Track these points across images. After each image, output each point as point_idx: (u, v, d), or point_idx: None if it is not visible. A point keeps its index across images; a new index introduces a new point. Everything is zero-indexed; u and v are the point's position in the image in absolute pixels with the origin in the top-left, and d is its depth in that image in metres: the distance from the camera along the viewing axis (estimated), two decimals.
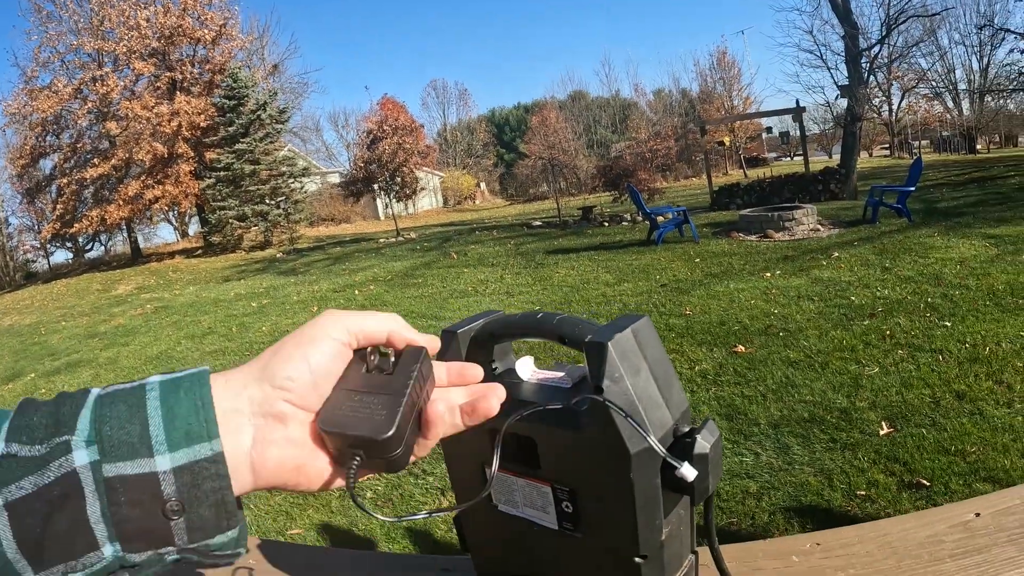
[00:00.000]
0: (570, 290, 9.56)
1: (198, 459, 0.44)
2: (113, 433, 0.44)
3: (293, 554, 1.09)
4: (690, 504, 0.74)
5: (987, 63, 41.70)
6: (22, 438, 0.44)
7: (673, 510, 0.70)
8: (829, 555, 0.90)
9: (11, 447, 0.43)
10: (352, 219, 34.81)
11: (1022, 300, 6.17)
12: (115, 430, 0.44)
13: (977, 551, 0.85)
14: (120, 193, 24.38)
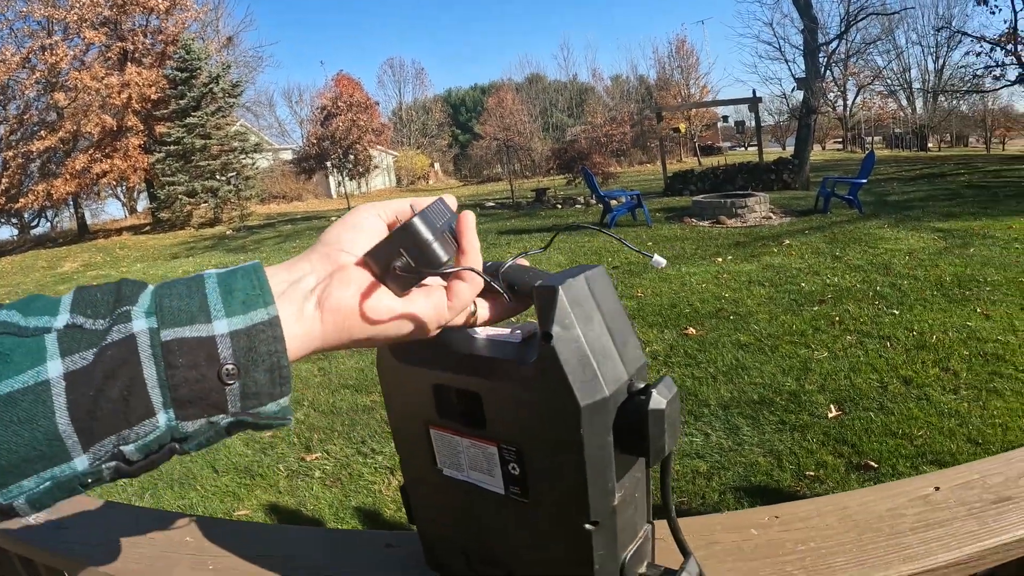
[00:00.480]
0: None
1: (255, 323, 0.46)
2: (172, 304, 0.45)
3: (240, 532, 1.05)
4: (646, 468, 0.68)
5: (942, 64, 42.71)
6: (87, 311, 0.45)
7: (627, 473, 0.65)
8: (788, 528, 0.87)
9: (76, 319, 0.45)
10: (304, 197, 34.28)
11: (969, 292, 6.31)
12: (174, 302, 0.46)
13: (939, 524, 0.84)
14: (67, 167, 23.58)
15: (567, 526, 0.64)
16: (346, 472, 4.25)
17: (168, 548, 0.99)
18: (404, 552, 0.89)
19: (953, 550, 0.79)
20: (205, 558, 0.95)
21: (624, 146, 38.64)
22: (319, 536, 1.00)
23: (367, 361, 6.17)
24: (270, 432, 4.83)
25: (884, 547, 0.81)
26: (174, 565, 0.94)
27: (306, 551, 0.95)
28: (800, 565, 0.79)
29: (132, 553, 0.98)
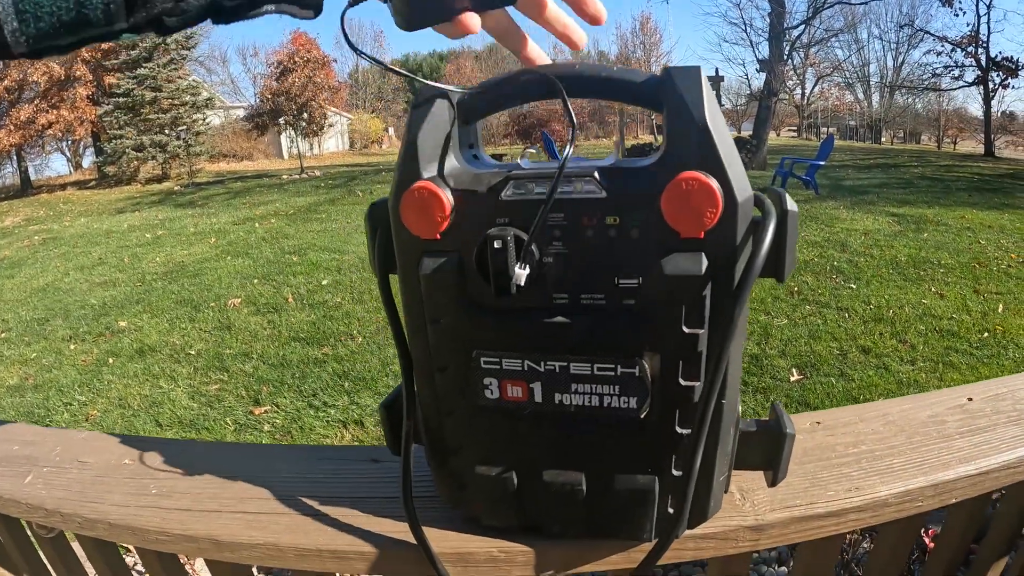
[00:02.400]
0: None
1: None
2: None
3: (224, 450, 0.98)
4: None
5: (902, 61, 43.32)
6: None
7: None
8: (833, 433, 0.83)
9: None
10: (254, 156, 33.63)
11: (923, 272, 6.43)
12: None
13: (982, 430, 0.83)
14: (11, 118, 22.70)
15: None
16: (297, 426, 4.15)
17: (103, 472, 0.88)
18: (387, 470, 0.82)
19: (1003, 452, 0.78)
20: (146, 481, 0.84)
21: (581, 120, 38.65)
22: (295, 453, 0.90)
23: (318, 315, 6.06)
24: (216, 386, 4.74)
25: (937, 450, 0.78)
26: (108, 491, 0.83)
27: (275, 467, 0.85)
28: (858, 467, 0.75)
29: (59, 479, 0.87)
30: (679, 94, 0.52)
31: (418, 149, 0.56)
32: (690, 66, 0.52)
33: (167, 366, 5.20)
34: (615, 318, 0.55)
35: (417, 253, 0.58)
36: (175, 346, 5.60)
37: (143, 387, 4.88)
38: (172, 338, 5.78)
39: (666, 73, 0.53)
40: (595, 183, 0.53)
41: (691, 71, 0.52)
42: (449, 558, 0.67)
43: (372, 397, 4.44)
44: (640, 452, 0.58)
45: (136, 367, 5.22)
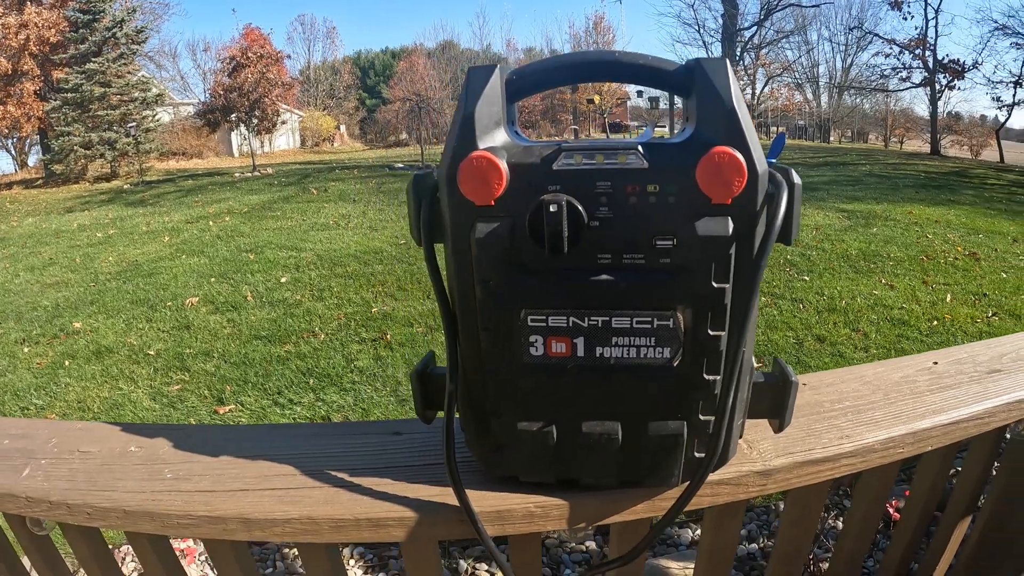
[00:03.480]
0: None
1: None
2: None
3: (238, 433, 0.96)
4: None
5: (850, 63, 44.33)
6: None
7: None
8: (819, 392, 0.93)
9: None
10: (204, 154, 33.12)
11: (874, 265, 6.65)
12: None
13: (949, 387, 0.94)
14: None
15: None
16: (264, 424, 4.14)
17: (109, 460, 0.87)
18: (410, 441, 0.87)
19: (970, 405, 0.88)
20: (159, 466, 0.84)
21: (533, 118, 38.79)
22: (312, 430, 0.93)
23: (279, 312, 6.04)
24: (178, 386, 4.71)
25: (912, 404, 0.88)
26: (119, 478, 0.82)
27: (295, 445, 0.88)
28: (846, 419, 0.84)
29: (60, 470, 0.85)
30: (710, 81, 0.59)
31: (475, 121, 0.62)
32: (718, 58, 0.60)
33: (126, 367, 5.13)
34: (652, 275, 0.61)
35: (470, 218, 0.62)
36: (133, 347, 5.52)
37: (102, 389, 4.80)
38: (129, 339, 5.70)
39: (696, 63, 0.60)
40: (638, 155, 0.59)
41: (719, 62, 0.60)
42: (487, 516, 0.71)
43: (337, 393, 4.45)
44: (671, 399, 0.65)
45: (94, 369, 5.14)
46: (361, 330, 5.51)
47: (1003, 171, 19.42)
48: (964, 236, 8.25)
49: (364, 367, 4.82)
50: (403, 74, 38.29)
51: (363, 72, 57.85)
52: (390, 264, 7.45)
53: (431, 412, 0.78)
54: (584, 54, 0.65)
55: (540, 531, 0.74)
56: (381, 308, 6.00)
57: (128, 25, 23.10)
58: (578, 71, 0.66)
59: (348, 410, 4.23)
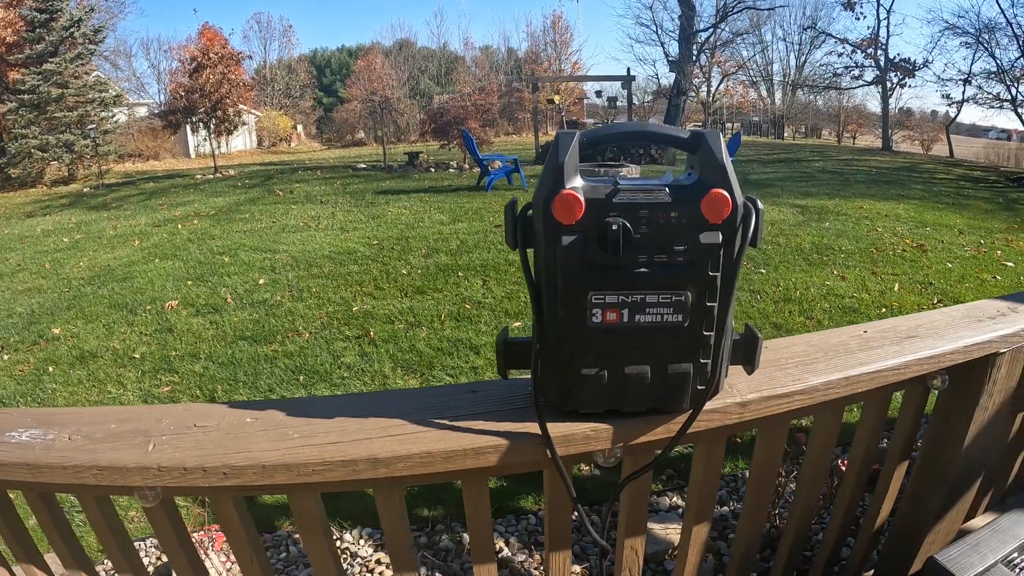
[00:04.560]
0: (405, 227, 9.80)
1: None
2: None
3: (341, 401, 1.15)
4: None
5: (804, 61, 45.42)
6: None
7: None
8: (777, 352, 1.24)
9: None
10: (161, 156, 32.72)
11: (826, 257, 7.04)
12: None
13: (875, 347, 1.26)
14: None
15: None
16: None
17: (232, 431, 1.02)
18: (487, 395, 1.15)
19: (889, 359, 1.20)
20: (283, 430, 1.02)
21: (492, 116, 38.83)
22: (405, 394, 1.23)
23: (260, 313, 6.19)
24: (168, 387, 4.84)
25: (845, 359, 1.20)
26: (251, 441, 0.99)
27: (397, 405, 1.12)
28: (796, 369, 1.17)
29: (185, 442, 0.99)
30: (709, 146, 0.93)
31: (564, 169, 0.94)
32: (713, 130, 0.94)
33: (112, 371, 5.21)
34: (673, 268, 0.94)
35: (559, 233, 0.94)
36: (116, 351, 5.60)
37: (90, 393, 4.88)
38: (112, 343, 5.79)
39: (702, 135, 0.94)
40: (666, 194, 0.93)
41: (716, 135, 0.93)
42: (558, 440, 1.02)
43: (328, 389, 4.65)
44: (683, 349, 0.98)
45: (79, 373, 5.21)
46: (344, 328, 5.71)
47: (952, 166, 20.11)
48: (912, 229, 8.70)
49: (351, 363, 5.02)
50: (360, 72, 38.03)
51: (319, 71, 57.39)
52: (365, 264, 7.65)
53: (509, 371, 1.10)
54: (633, 125, 1.04)
55: (594, 450, 1.04)
56: (361, 307, 6.19)
57: (85, 24, 22.79)
58: (628, 137, 1.02)
59: None
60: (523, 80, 37.73)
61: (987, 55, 27.10)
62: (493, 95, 38.10)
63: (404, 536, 1.19)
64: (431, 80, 53.38)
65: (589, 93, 41.95)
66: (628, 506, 1.26)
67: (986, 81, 27.43)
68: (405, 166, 18.91)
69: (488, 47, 58.16)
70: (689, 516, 1.34)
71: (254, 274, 7.54)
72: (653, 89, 44.08)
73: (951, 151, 26.94)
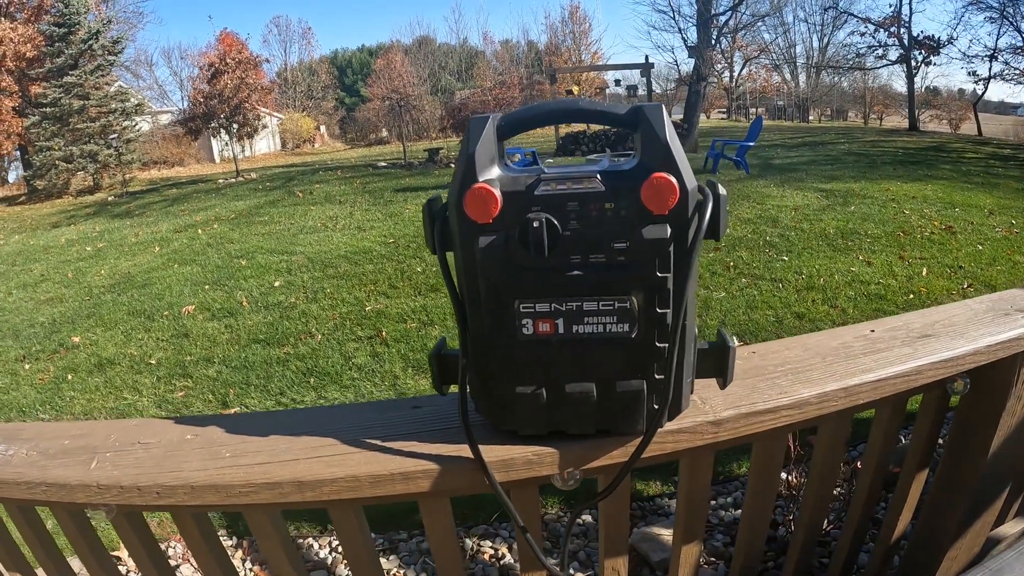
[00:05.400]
0: (422, 224, 9.58)
1: None
2: None
3: (278, 417, 1.10)
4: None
5: (827, 42, 44.78)
6: None
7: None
8: (765, 359, 1.09)
9: None
10: (186, 162, 33.01)
11: (851, 243, 6.81)
12: None
13: (881, 351, 1.09)
14: None
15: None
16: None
17: (171, 448, 0.99)
18: (430, 412, 1.04)
19: (896, 365, 1.04)
20: (217, 448, 0.98)
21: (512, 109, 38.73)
22: (345, 410, 1.10)
23: (275, 316, 6.15)
24: (182, 393, 4.82)
25: (845, 365, 1.04)
26: (185, 460, 0.96)
27: (333, 422, 1.03)
28: (786, 379, 1.01)
29: (126, 460, 0.97)
30: (649, 122, 0.78)
31: (475, 160, 0.80)
32: (655, 104, 0.79)
33: (128, 377, 5.22)
34: (612, 269, 0.80)
35: (474, 233, 0.81)
36: (134, 357, 5.61)
37: (107, 400, 4.89)
38: (129, 349, 5.79)
39: (639, 109, 0.79)
40: (598, 181, 0.79)
41: (656, 107, 0.79)
42: (495, 465, 0.90)
43: (338, 391, 4.58)
44: (632, 363, 0.84)
45: (97, 381, 5.22)
46: (356, 329, 5.64)
47: (980, 144, 19.65)
48: (940, 210, 8.43)
49: (362, 364, 4.95)
50: (381, 72, 38.08)
51: (340, 71, 57.67)
52: (380, 263, 7.57)
53: (446, 387, 0.98)
54: (557, 103, 0.86)
55: (538, 476, 0.91)
56: (374, 306, 6.12)
57: (103, 36, 22.93)
58: (552, 116, 0.86)
59: None
60: (543, 72, 37.55)
61: (1012, 29, 26.48)
62: (514, 88, 38.22)
63: (365, 553, 1.09)
64: (452, 76, 53.35)
65: (610, 83, 41.69)
66: (606, 526, 1.12)
67: (1013, 56, 26.82)
68: (425, 163, 18.81)
69: (508, 41, 58.12)
70: (677, 534, 1.20)
71: (270, 277, 7.50)
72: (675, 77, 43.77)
73: (979, 129, 26.33)
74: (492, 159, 0.82)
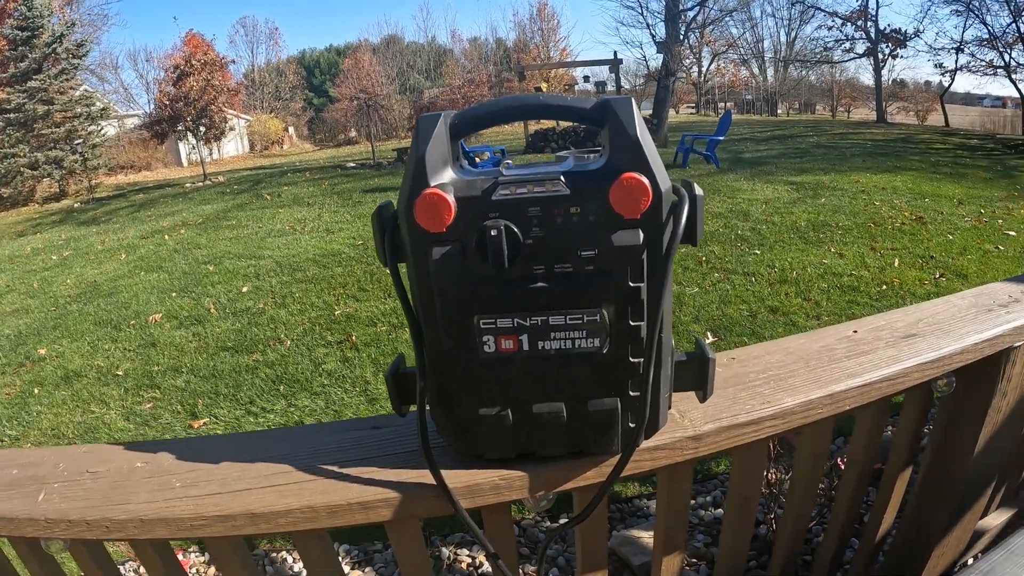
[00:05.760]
0: None
1: None
2: None
3: (232, 441, 1.04)
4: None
5: (794, 37, 45.15)
6: None
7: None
8: (746, 364, 1.03)
9: None
10: (153, 166, 32.51)
11: (822, 235, 6.83)
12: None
13: (865, 353, 1.04)
14: None
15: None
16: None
17: (119, 478, 0.94)
18: (390, 434, 0.97)
19: (883, 368, 0.99)
20: (167, 478, 0.92)
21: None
22: (301, 432, 1.02)
23: (243, 322, 6.04)
24: (150, 404, 4.71)
25: (829, 370, 0.98)
26: (133, 492, 0.90)
27: (289, 446, 0.96)
28: (768, 387, 0.95)
29: (74, 491, 0.92)
30: (617, 117, 0.71)
31: (426, 163, 0.73)
32: (624, 96, 0.72)
33: (96, 390, 5.09)
34: (580, 280, 0.73)
35: (427, 244, 0.74)
36: (101, 368, 5.48)
37: (74, 414, 4.76)
38: (96, 361, 5.66)
39: (607, 102, 0.72)
40: (562, 184, 0.71)
41: (626, 101, 0.71)
42: (461, 491, 0.83)
43: (308, 398, 4.50)
44: (604, 380, 0.77)
45: (64, 394, 5.09)
46: (326, 333, 5.55)
47: (948, 135, 19.90)
48: (910, 201, 8.49)
49: (332, 370, 4.87)
50: (349, 71, 37.77)
51: (308, 71, 57.17)
52: (349, 266, 7.47)
53: (405, 407, 0.90)
54: (516, 99, 0.78)
55: (507, 500, 0.85)
56: (344, 310, 6.03)
57: (68, 39, 22.49)
58: (511, 112, 0.78)
59: (320, 414, 4.28)
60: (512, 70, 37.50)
61: (978, 22, 26.79)
62: (483, 86, 38.10)
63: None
64: (420, 75, 53.09)
65: (579, 79, 41.72)
66: (583, 542, 1.05)
67: (979, 48, 27.11)
68: (394, 163, 18.68)
69: (476, 38, 58.00)
70: (658, 546, 1.14)
71: (238, 282, 7.37)
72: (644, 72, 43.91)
73: (946, 120, 26.69)
74: (445, 161, 0.75)
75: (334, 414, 4.26)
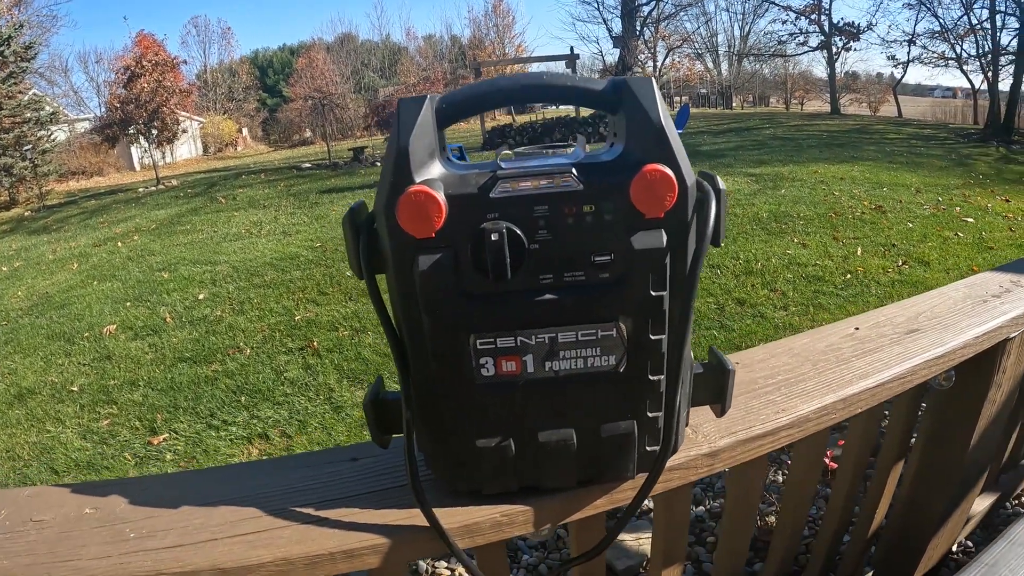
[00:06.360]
0: None
1: None
2: None
3: (190, 479, 0.92)
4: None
5: (748, 31, 45.59)
6: None
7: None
8: (752, 369, 0.97)
9: None
10: (105, 171, 31.82)
11: (785, 225, 6.87)
12: None
13: (872, 352, 0.99)
14: None
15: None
16: (200, 450, 4.04)
17: (67, 527, 0.80)
18: (371, 465, 0.86)
19: (893, 367, 0.94)
20: (120, 526, 0.79)
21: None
22: (268, 466, 0.91)
23: (200, 331, 5.89)
24: (107, 421, 4.55)
25: (839, 372, 0.93)
26: (82, 545, 0.77)
27: (255, 485, 0.85)
28: (780, 394, 0.89)
29: (17, 545, 0.79)
30: (637, 100, 0.62)
31: (410, 155, 0.62)
32: (644, 77, 0.63)
33: (50, 407, 4.91)
34: (593, 290, 0.64)
35: (412, 252, 0.63)
36: (55, 385, 5.28)
37: (29, 434, 4.58)
38: (50, 376, 5.46)
39: (624, 82, 0.63)
40: (573, 177, 0.62)
41: (646, 81, 0.63)
42: (457, 531, 0.73)
43: (271, 408, 4.39)
44: (620, 401, 0.68)
45: (17, 413, 4.90)
46: (287, 340, 5.43)
47: (901, 125, 20.28)
48: (869, 191, 8.59)
49: (295, 378, 4.75)
50: (303, 71, 37.38)
51: (262, 71, 56.44)
52: (308, 269, 7.34)
53: (387, 437, 0.79)
54: (515, 78, 0.68)
55: (508, 538, 0.76)
56: (304, 315, 5.91)
57: (16, 42, 21.90)
58: (509, 95, 0.68)
59: (284, 424, 4.17)
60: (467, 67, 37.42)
61: (930, 15, 27.40)
62: (438, 84, 38.02)
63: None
64: (375, 73, 52.74)
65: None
66: (582, 571, 0.96)
67: (930, 41, 27.71)
68: (351, 162, 18.53)
69: (431, 36, 57.80)
70: (655, 560, 1.04)
71: (194, 289, 7.20)
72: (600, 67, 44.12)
73: (899, 111, 27.26)
74: (431, 153, 0.64)
75: (299, 425, 4.15)
